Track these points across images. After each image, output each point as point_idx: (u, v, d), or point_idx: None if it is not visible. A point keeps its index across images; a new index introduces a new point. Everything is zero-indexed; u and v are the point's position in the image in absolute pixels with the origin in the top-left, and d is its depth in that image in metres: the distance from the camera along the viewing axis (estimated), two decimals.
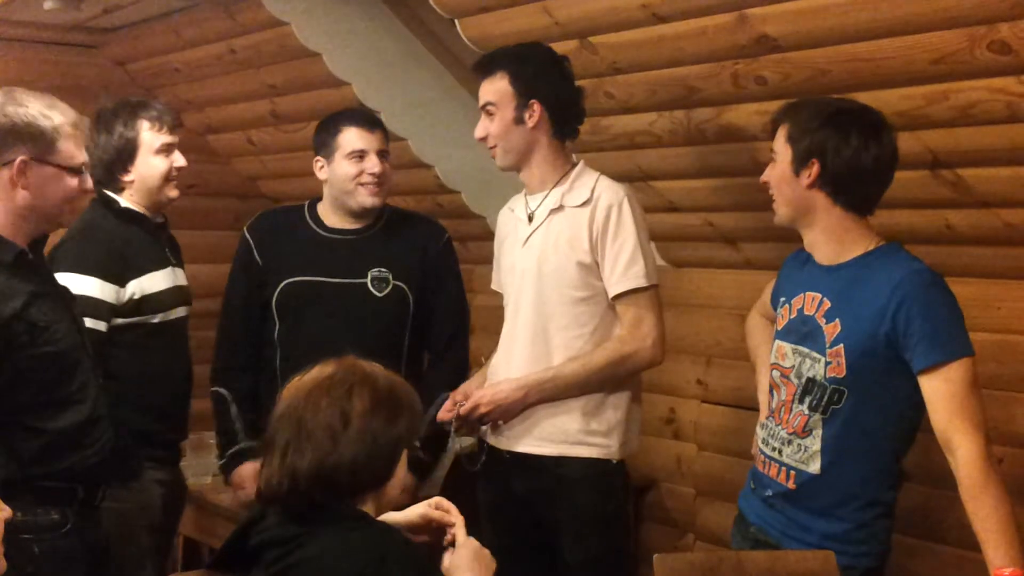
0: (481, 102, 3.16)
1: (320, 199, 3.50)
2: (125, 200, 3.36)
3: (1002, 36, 2.50)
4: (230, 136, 5.35)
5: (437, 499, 2.33)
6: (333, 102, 4.22)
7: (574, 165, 3.17)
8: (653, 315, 3.09)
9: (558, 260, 3.07)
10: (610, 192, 3.09)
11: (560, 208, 3.10)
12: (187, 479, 3.78)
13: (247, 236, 3.54)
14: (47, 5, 4.46)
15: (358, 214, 3.42)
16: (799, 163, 2.58)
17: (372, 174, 3.35)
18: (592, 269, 3.06)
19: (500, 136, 3.12)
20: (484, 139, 3.16)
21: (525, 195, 3.21)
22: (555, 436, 3.09)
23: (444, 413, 3.16)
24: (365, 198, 3.38)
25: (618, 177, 3.22)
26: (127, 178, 3.35)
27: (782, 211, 2.66)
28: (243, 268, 3.53)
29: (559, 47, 3.41)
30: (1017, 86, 2.59)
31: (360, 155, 3.35)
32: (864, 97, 2.76)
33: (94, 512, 2.84)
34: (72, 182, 2.74)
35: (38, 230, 2.78)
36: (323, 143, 3.42)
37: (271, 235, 3.51)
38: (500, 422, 3.13)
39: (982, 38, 2.54)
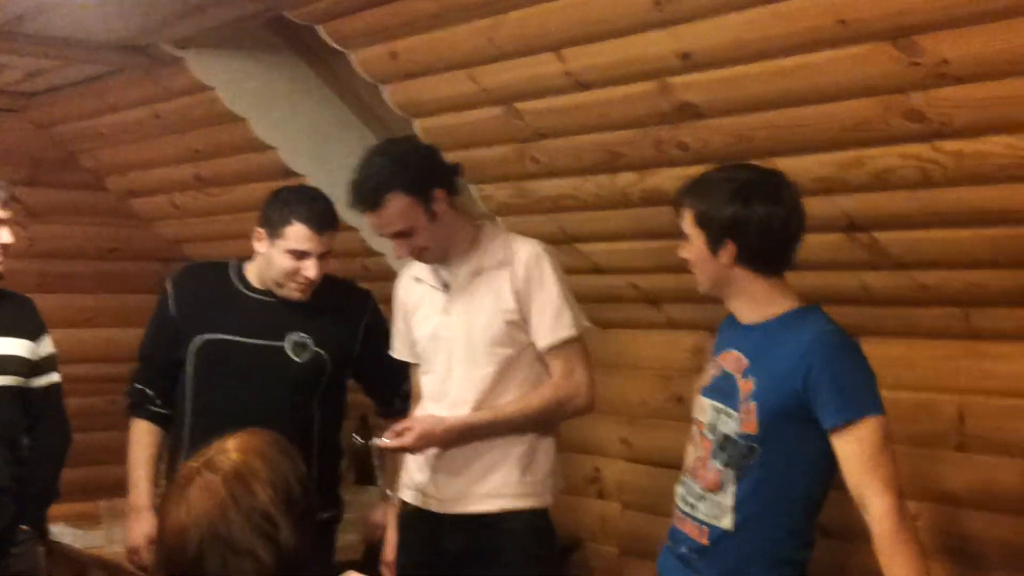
0: (391, 231, 3.06)
1: (250, 259, 3.37)
2: None
3: (915, 104, 2.58)
4: (153, 200, 5.32)
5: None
6: (258, 166, 4.22)
7: (479, 227, 3.17)
8: (584, 363, 3.12)
9: (486, 321, 3.08)
10: (526, 247, 3.11)
11: (479, 271, 3.11)
12: (105, 546, 3.71)
13: (168, 287, 3.43)
14: None
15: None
16: (715, 244, 2.59)
17: (306, 277, 3.24)
18: (518, 325, 3.08)
19: (430, 241, 3.07)
20: (419, 252, 3.10)
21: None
22: (497, 491, 3.10)
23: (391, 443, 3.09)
24: (292, 292, 3.27)
25: (543, 239, 3.25)
26: None
27: (705, 285, 2.68)
28: (158, 318, 3.44)
29: (484, 113, 3.46)
30: (930, 152, 2.67)
31: (301, 255, 3.22)
32: (782, 163, 2.83)
33: None
34: None
35: None
36: (270, 221, 3.24)
37: (193, 289, 3.40)
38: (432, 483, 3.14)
39: (896, 106, 2.61)
